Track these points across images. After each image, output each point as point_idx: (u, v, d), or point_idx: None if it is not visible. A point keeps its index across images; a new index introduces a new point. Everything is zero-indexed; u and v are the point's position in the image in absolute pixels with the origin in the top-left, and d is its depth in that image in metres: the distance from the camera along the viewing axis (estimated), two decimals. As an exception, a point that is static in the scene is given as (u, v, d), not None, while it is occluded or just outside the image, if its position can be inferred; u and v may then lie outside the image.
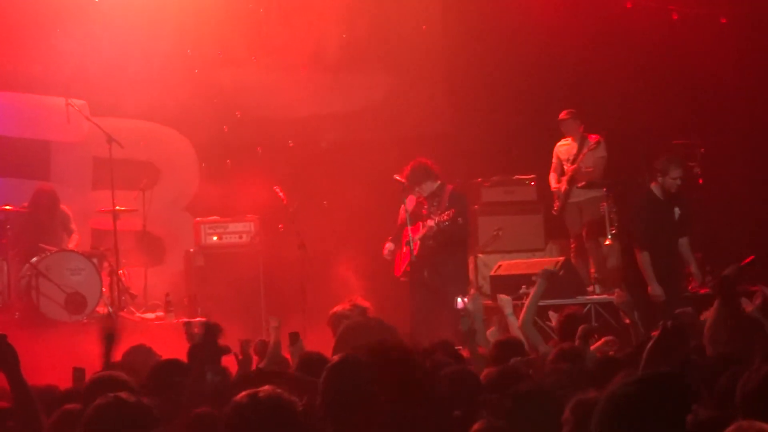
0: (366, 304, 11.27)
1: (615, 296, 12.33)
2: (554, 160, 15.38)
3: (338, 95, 16.99)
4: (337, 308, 10.83)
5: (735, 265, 9.06)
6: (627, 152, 16.29)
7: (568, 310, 10.00)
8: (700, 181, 15.16)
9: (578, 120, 15.08)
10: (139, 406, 5.21)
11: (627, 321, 10.73)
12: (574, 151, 15.12)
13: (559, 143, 15.29)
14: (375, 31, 16.99)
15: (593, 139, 14.99)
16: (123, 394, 5.29)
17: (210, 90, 16.55)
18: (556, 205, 15.28)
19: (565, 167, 15.20)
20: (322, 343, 10.24)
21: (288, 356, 9.11)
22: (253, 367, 8.88)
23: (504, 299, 10.32)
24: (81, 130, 15.86)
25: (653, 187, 12.75)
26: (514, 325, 10.02)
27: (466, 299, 10.46)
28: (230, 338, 9.98)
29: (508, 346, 8.28)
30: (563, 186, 15.12)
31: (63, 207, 15.05)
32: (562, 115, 15.12)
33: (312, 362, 7.22)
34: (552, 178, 15.36)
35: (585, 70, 16.64)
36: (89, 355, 9.19)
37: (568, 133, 15.19)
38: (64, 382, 7.85)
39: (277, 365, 8.56)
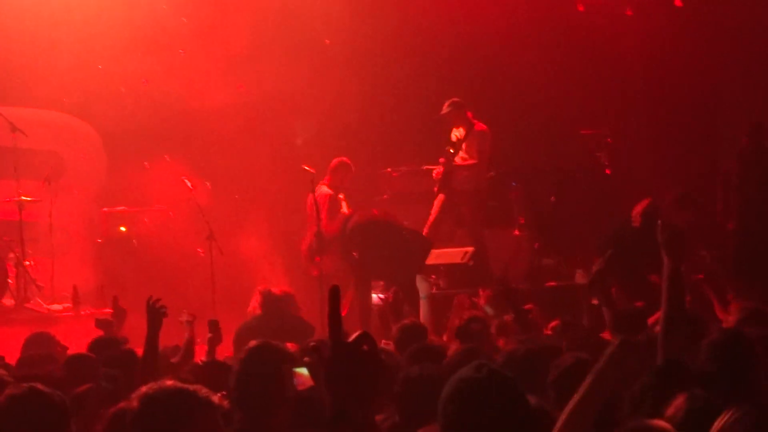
0: (285, 289, 11.25)
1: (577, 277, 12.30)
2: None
3: (248, 85, 16.92)
4: (251, 302, 10.85)
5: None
6: (535, 143, 16.45)
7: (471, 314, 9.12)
8: (608, 171, 15.32)
9: (462, 108, 14.67)
10: (53, 398, 5.16)
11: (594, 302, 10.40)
12: (464, 137, 14.89)
13: (452, 133, 14.90)
14: (285, 20, 16.92)
15: (479, 128, 14.70)
16: (38, 385, 5.22)
17: (117, 80, 16.38)
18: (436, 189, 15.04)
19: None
20: (229, 335, 10.23)
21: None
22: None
23: (419, 280, 10.35)
24: (-17, 119, 15.61)
25: None
26: (425, 308, 10.05)
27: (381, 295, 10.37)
28: (139, 330, 9.98)
29: (410, 331, 8.14)
30: (439, 172, 14.86)
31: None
32: (444, 108, 14.69)
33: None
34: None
35: (493, 61, 16.74)
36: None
37: (456, 124, 14.80)
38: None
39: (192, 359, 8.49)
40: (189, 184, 14.88)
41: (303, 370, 5.72)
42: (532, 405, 4.02)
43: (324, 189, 14.44)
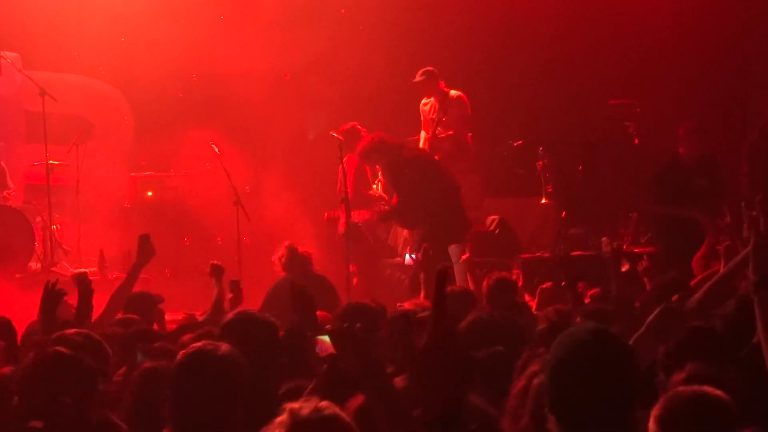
0: (307, 250, 11.27)
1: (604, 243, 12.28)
2: (422, 118, 15.08)
3: (275, 52, 16.88)
4: (275, 256, 10.88)
5: None
6: (562, 113, 16.38)
7: (498, 275, 9.09)
8: (636, 141, 15.25)
9: (435, 77, 14.48)
10: (78, 361, 5.17)
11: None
12: (437, 108, 14.71)
13: (422, 102, 14.85)
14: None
15: (455, 95, 14.51)
16: (61, 348, 5.24)
17: (144, 46, 16.37)
18: None
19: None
20: (257, 300, 10.27)
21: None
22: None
23: (453, 249, 10.29)
24: (13, 83, 15.66)
25: None
26: (462, 274, 9.99)
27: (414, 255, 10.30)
28: (160, 291, 10.02)
29: (460, 298, 7.94)
30: (425, 145, 14.77)
31: (1, 162, 14.89)
32: (417, 76, 14.52)
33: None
34: (421, 136, 15.04)
35: (520, 31, 16.70)
36: (23, 311, 9.13)
37: (427, 93, 14.66)
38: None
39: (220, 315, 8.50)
40: (216, 149, 14.87)
41: (325, 338, 5.68)
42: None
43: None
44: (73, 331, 6.25)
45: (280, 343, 5.83)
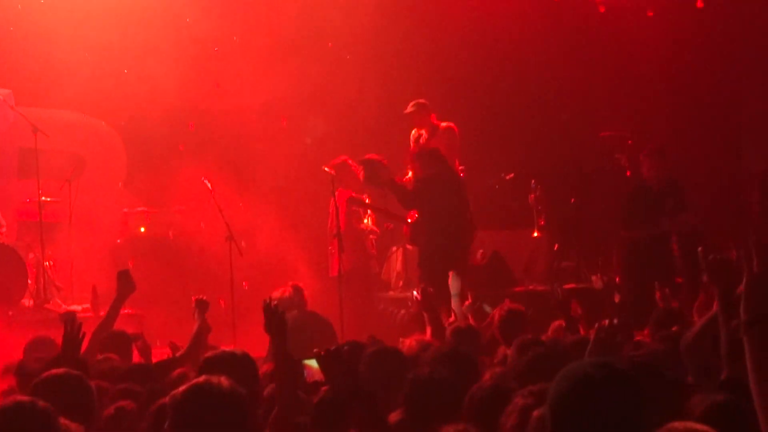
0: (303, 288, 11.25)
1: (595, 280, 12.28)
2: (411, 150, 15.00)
3: (266, 85, 16.90)
4: (276, 293, 10.64)
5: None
6: (554, 145, 16.41)
7: (510, 306, 9.09)
8: (628, 173, 15.26)
9: (426, 110, 14.38)
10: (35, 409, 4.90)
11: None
12: (427, 140, 14.63)
13: (412, 132, 14.68)
14: (303, 23, 16.90)
15: (445, 126, 14.34)
16: (20, 397, 5.04)
17: (136, 81, 16.39)
18: None
19: None
20: (252, 336, 10.19)
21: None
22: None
23: (452, 280, 10.29)
24: (6, 120, 15.66)
25: None
26: (458, 308, 9.97)
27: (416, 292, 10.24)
28: (152, 327, 9.98)
29: (465, 334, 8.01)
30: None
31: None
32: (408, 108, 14.42)
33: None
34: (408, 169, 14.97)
35: (513, 62, 16.73)
36: (15, 348, 9.11)
37: (418, 125, 14.52)
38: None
39: (203, 348, 8.46)
40: (209, 185, 14.86)
41: (312, 362, 5.62)
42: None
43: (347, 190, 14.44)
44: (62, 370, 6.13)
45: (259, 379, 5.78)
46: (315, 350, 5.20)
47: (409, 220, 13.69)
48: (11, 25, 15.87)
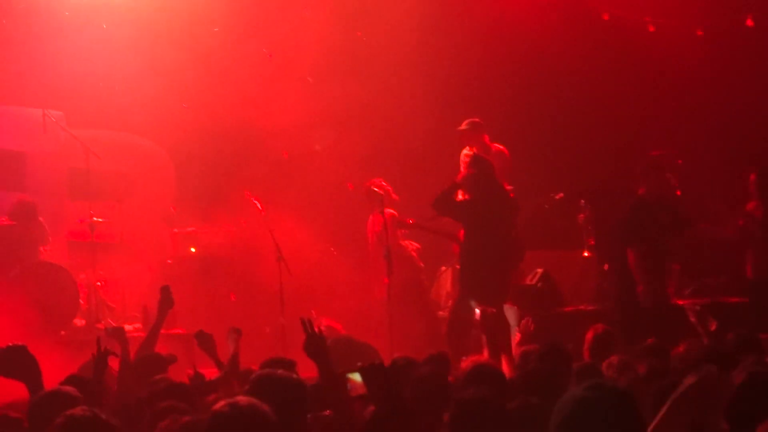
0: (336, 325, 11.23)
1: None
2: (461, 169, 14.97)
3: (314, 105, 16.96)
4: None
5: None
6: (603, 165, 16.35)
7: (602, 327, 9.16)
8: (678, 192, 15.18)
9: (480, 129, 14.46)
10: (95, 421, 4.99)
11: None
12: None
13: (462, 152, 14.70)
14: (349, 41, 16.96)
15: (496, 149, 14.46)
16: (77, 411, 5.05)
17: (188, 101, 16.50)
18: None
19: None
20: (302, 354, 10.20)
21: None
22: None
23: (509, 311, 10.26)
24: (58, 141, 15.79)
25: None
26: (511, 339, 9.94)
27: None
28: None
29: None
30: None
31: (40, 219, 14.98)
32: (462, 125, 14.49)
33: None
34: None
35: (564, 81, 16.70)
36: (67, 369, 9.15)
37: (470, 144, 14.46)
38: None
39: (235, 375, 8.48)
40: (258, 204, 14.91)
41: (356, 376, 5.63)
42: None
43: (390, 210, 14.47)
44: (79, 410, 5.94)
45: (306, 401, 5.80)
46: (359, 364, 5.24)
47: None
48: (62, 47, 15.98)
